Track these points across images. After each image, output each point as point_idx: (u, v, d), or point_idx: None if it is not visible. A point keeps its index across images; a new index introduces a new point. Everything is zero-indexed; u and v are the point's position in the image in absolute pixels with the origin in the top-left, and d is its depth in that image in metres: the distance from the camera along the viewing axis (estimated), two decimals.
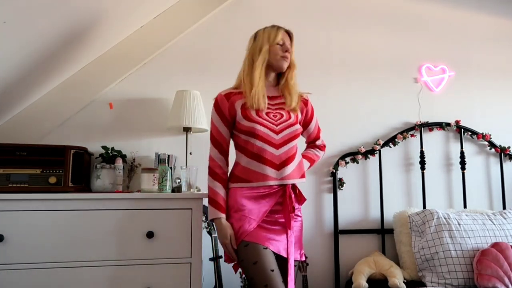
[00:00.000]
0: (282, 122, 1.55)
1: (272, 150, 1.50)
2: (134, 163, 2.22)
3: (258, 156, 1.50)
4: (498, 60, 2.86)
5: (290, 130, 1.55)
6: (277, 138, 1.52)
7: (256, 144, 1.50)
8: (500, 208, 2.65)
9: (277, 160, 1.50)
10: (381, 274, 2.17)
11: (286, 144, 1.53)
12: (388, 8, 2.76)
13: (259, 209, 1.49)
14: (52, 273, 1.65)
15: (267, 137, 1.50)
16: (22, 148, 1.86)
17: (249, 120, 1.51)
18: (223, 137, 1.57)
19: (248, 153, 1.52)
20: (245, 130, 1.51)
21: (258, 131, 1.49)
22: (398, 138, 2.57)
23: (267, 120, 1.53)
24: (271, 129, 1.52)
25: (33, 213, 1.67)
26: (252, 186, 1.51)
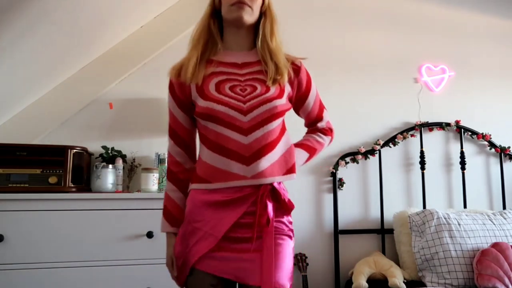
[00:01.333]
0: (254, 98, 1.12)
1: (237, 137, 1.09)
2: (134, 163, 2.22)
3: (218, 147, 1.11)
4: (498, 60, 2.86)
5: (266, 108, 1.11)
6: (245, 119, 1.10)
7: (216, 129, 1.11)
8: (500, 208, 2.65)
9: (246, 151, 1.09)
10: (381, 274, 2.17)
11: (260, 128, 1.11)
12: (388, 8, 2.76)
13: (220, 221, 1.09)
14: (52, 273, 1.65)
15: (229, 119, 1.09)
16: (22, 148, 1.86)
17: (204, 97, 1.12)
18: (179, 124, 1.21)
19: (207, 143, 1.14)
20: (201, 112, 1.12)
21: (216, 111, 1.09)
22: (398, 138, 2.57)
23: (229, 97, 1.12)
24: (236, 108, 1.10)
25: (33, 213, 1.67)
26: (212, 189, 1.11)
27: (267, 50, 1.19)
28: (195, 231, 1.11)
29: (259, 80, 1.17)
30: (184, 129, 1.22)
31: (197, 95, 1.15)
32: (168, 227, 1.18)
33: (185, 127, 1.22)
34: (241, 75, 1.18)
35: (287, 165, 1.16)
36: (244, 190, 1.10)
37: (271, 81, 1.16)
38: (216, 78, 1.17)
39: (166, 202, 1.21)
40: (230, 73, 1.18)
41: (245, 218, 1.09)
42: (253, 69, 1.19)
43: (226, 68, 1.19)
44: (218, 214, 1.10)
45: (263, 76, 1.17)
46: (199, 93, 1.14)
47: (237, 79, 1.17)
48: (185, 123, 1.22)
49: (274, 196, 1.12)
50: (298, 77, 1.24)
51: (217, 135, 1.11)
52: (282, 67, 1.17)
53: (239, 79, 1.17)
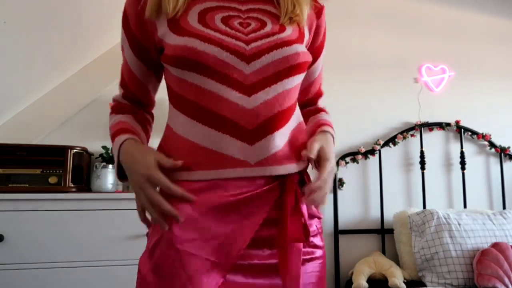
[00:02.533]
0: (262, 37, 0.74)
1: (235, 97, 0.70)
2: None
3: (203, 112, 0.72)
4: (498, 60, 2.86)
5: (282, 53, 0.73)
6: (247, 70, 0.71)
7: (199, 84, 0.71)
8: (500, 208, 2.65)
9: (249, 121, 0.70)
10: (381, 274, 2.17)
11: (271, 85, 0.72)
12: (388, 8, 2.76)
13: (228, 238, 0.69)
14: (52, 273, 1.65)
15: (221, 67, 0.70)
16: (22, 148, 1.86)
17: (180, 31, 0.72)
18: (131, 74, 0.84)
19: (184, 107, 0.75)
20: (173, 54, 0.71)
21: (199, 53, 0.69)
22: (398, 138, 2.57)
23: (222, 32, 0.73)
24: (234, 49, 0.71)
25: (33, 213, 1.67)
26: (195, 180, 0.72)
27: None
28: (185, 259, 0.67)
29: (268, 14, 0.79)
30: (137, 82, 0.84)
31: (167, 31, 0.73)
32: (122, 136, 0.78)
33: (139, 79, 0.84)
34: (241, 2, 0.80)
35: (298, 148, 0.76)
36: (257, 182, 0.71)
37: (286, 18, 0.78)
38: (200, 5, 0.76)
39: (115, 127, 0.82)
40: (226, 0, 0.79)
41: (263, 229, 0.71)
42: (260, 6, 0.81)
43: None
44: (221, 225, 0.69)
45: (273, 9, 0.80)
46: (172, 27, 0.73)
47: (235, 7, 0.78)
48: (140, 74, 0.83)
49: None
50: (318, 20, 0.92)
51: (200, 94, 0.71)
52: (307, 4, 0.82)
53: (239, 8, 0.78)
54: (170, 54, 0.72)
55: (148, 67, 0.84)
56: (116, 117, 0.85)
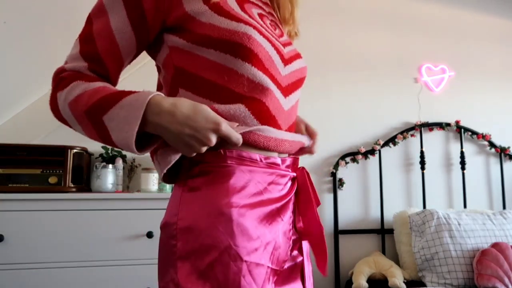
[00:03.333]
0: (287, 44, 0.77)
1: (278, 95, 0.71)
2: (134, 163, 2.22)
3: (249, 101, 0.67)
4: (498, 60, 2.86)
5: (301, 65, 0.78)
6: (284, 72, 0.73)
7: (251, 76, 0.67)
8: (500, 208, 2.65)
9: (285, 121, 0.73)
10: (381, 274, 2.17)
11: (294, 91, 0.76)
12: (388, 8, 2.76)
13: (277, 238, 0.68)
14: (52, 273, 1.65)
15: (270, 63, 0.69)
16: (22, 148, 1.86)
17: (231, 16, 0.67)
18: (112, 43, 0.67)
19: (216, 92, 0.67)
20: (224, 38, 0.65)
21: (256, 43, 0.67)
22: (398, 138, 2.57)
23: (266, 28, 0.72)
24: (278, 49, 0.72)
25: (33, 213, 1.67)
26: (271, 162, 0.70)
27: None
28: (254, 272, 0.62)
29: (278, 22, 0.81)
30: (117, 58, 0.68)
31: (206, 10, 0.66)
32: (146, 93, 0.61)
33: (121, 55, 0.68)
34: (264, 4, 0.80)
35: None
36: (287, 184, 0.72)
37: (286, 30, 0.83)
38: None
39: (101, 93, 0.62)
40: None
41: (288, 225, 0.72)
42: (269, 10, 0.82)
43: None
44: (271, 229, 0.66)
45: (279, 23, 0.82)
46: (213, 7, 0.67)
47: (262, 6, 0.78)
48: (125, 49, 0.68)
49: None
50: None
51: (248, 85, 0.67)
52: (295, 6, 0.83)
53: (264, 8, 0.78)
54: (218, 37, 0.65)
55: (137, 42, 0.68)
56: (85, 85, 0.64)
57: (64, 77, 0.67)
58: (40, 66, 1.95)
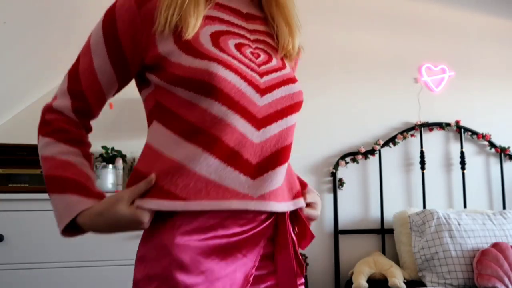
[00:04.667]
0: (272, 71, 0.74)
1: (246, 128, 0.69)
2: (134, 163, 2.22)
3: (211, 140, 0.67)
4: (498, 60, 2.86)
5: (289, 91, 0.74)
6: (260, 102, 0.70)
7: (211, 110, 0.67)
8: (500, 208, 2.65)
9: (255, 155, 0.69)
10: (381, 274, 2.17)
11: (278, 120, 0.72)
12: (388, 8, 2.76)
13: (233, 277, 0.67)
14: (52, 273, 1.65)
15: (239, 97, 0.68)
16: (22, 148, 1.86)
17: (196, 53, 0.68)
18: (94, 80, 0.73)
19: (186, 130, 0.68)
20: (189, 77, 0.67)
21: (221, 80, 0.66)
22: (398, 138, 2.57)
23: (238, 60, 0.71)
24: (250, 81, 0.70)
25: (33, 213, 1.67)
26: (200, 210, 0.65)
27: (281, 8, 0.80)
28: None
29: (270, 47, 0.78)
30: (99, 93, 0.74)
31: (175, 50, 0.68)
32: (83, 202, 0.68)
33: (103, 90, 0.74)
34: (249, 31, 0.77)
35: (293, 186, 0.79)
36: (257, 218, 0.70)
37: (282, 53, 0.79)
38: (210, 27, 0.72)
39: (60, 171, 0.70)
40: (233, 24, 0.76)
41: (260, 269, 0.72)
42: (260, 28, 0.80)
43: (225, 13, 0.76)
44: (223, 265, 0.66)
45: (273, 42, 0.79)
46: (182, 46, 0.68)
47: (244, 35, 0.76)
48: (106, 85, 0.74)
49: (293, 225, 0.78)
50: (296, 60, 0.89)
51: (210, 120, 0.67)
52: (295, 31, 0.81)
53: (247, 36, 0.76)
54: (183, 76, 0.67)
55: (118, 79, 0.75)
56: (59, 148, 0.73)
57: (48, 121, 0.77)
58: (40, 66, 1.95)
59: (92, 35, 0.74)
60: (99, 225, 0.67)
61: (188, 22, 0.68)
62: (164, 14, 0.68)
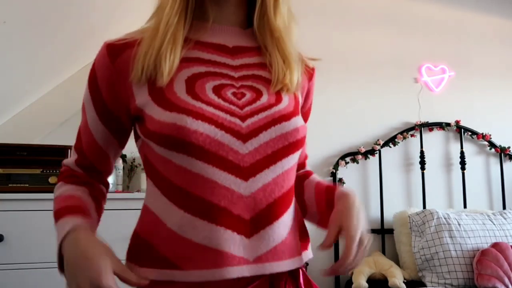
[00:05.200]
0: (259, 111, 0.66)
1: (231, 182, 0.63)
2: (134, 163, 2.22)
3: (194, 201, 0.63)
4: (498, 60, 2.86)
5: (280, 130, 0.66)
6: (244, 150, 0.64)
7: (189, 167, 0.62)
8: (500, 208, 2.65)
9: (246, 210, 0.63)
10: (381, 274, 2.17)
11: (270, 166, 0.65)
12: (388, 8, 2.76)
13: None
14: (52, 273, 1.65)
15: (217, 149, 0.62)
16: (22, 148, 1.86)
17: (168, 105, 0.63)
18: (89, 136, 0.73)
19: (170, 192, 0.65)
20: (160, 132, 0.63)
21: (192, 133, 0.61)
22: (398, 138, 2.57)
23: (216, 106, 0.64)
24: (229, 128, 0.63)
25: (33, 213, 1.67)
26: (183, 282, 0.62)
27: (269, 30, 0.71)
28: None
29: (263, 80, 0.70)
30: (96, 148, 0.74)
31: (149, 101, 0.65)
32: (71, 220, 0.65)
33: (100, 146, 0.73)
34: (234, 68, 0.70)
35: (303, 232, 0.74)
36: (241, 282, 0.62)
37: (278, 86, 0.70)
38: (188, 70, 0.67)
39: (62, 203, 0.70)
40: (215, 62, 0.69)
41: None
42: (251, 60, 0.72)
43: (207, 52, 0.70)
44: None
45: (267, 73, 0.71)
46: (155, 97, 0.65)
47: (227, 74, 0.69)
48: (102, 140, 0.73)
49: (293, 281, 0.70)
50: (309, 83, 0.82)
51: (190, 178, 0.62)
52: (292, 61, 0.72)
53: (231, 75, 0.69)
54: (154, 131, 0.63)
55: (113, 133, 0.73)
56: (65, 188, 0.73)
57: (62, 171, 0.79)
58: (40, 66, 1.95)
59: (84, 93, 0.74)
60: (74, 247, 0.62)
61: (162, 68, 0.64)
62: (141, 62, 0.65)
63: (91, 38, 2.07)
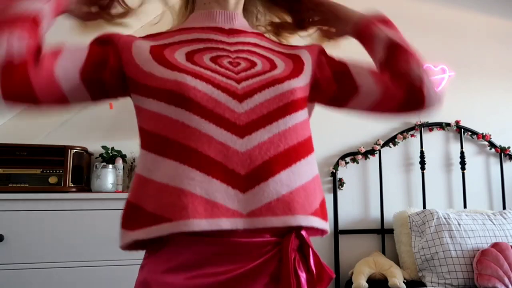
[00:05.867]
0: (253, 76, 0.70)
1: (226, 138, 0.64)
2: (134, 163, 2.22)
3: (188, 152, 0.62)
4: (498, 60, 2.86)
5: (275, 91, 0.68)
6: (240, 109, 0.66)
7: (186, 122, 0.64)
8: (500, 208, 2.65)
9: (241, 165, 0.63)
10: (381, 274, 2.17)
11: (266, 125, 0.66)
12: (388, 8, 2.74)
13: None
14: (52, 273, 1.65)
15: (213, 106, 0.65)
16: (22, 148, 1.86)
17: (168, 65, 0.68)
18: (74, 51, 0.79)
19: (166, 148, 0.64)
20: (161, 88, 0.66)
21: (190, 89, 0.64)
22: (398, 138, 2.57)
23: (212, 70, 0.68)
24: (225, 88, 0.67)
25: (33, 213, 1.67)
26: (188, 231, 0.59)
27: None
28: None
29: (257, 55, 0.75)
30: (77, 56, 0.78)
31: (150, 59, 0.69)
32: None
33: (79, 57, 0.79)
34: (230, 44, 0.75)
35: (316, 194, 0.74)
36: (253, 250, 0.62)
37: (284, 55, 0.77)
38: (188, 47, 0.73)
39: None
40: (211, 39, 0.75)
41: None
42: (246, 39, 0.78)
43: (203, 33, 0.76)
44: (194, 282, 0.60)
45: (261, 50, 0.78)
46: (157, 58, 0.69)
47: (223, 48, 0.74)
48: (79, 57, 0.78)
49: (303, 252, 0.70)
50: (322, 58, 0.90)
51: (186, 133, 0.63)
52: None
53: (227, 49, 0.74)
54: (154, 86, 0.67)
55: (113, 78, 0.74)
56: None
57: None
58: None
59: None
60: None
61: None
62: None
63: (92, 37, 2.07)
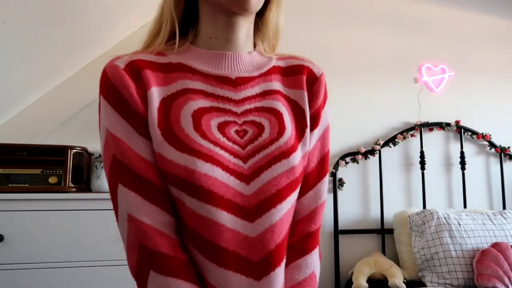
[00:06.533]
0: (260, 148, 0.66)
1: (238, 225, 0.62)
2: None
3: (204, 243, 0.62)
4: (498, 60, 2.86)
5: (281, 168, 0.65)
6: (247, 191, 0.63)
7: (196, 209, 0.62)
8: (500, 208, 2.65)
9: (253, 252, 0.62)
10: (381, 274, 2.17)
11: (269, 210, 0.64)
12: (388, 8, 2.76)
13: None
14: (52, 273, 1.65)
15: (224, 192, 0.62)
16: (22, 148, 1.86)
17: (180, 145, 0.62)
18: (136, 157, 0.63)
19: (186, 232, 0.64)
20: (173, 173, 0.62)
21: (202, 177, 0.61)
22: (398, 138, 2.57)
23: (221, 146, 0.64)
24: (234, 170, 0.63)
25: (33, 213, 1.67)
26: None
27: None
28: None
29: (265, 111, 0.70)
30: (145, 164, 0.63)
31: (162, 140, 0.63)
32: None
33: (146, 158, 0.64)
34: (237, 103, 0.69)
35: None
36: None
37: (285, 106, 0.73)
38: (192, 103, 0.66)
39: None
40: (218, 96, 0.68)
41: None
42: (253, 91, 0.71)
43: (209, 85, 0.69)
44: None
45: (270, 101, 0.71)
46: (167, 135, 0.63)
47: (230, 109, 0.68)
48: (144, 151, 0.64)
49: None
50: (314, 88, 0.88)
51: (201, 221, 0.62)
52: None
53: (234, 111, 0.68)
54: (166, 170, 0.62)
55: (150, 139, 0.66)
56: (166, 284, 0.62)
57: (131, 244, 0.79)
58: (40, 66, 1.95)
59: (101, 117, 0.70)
60: None
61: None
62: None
63: (92, 38, 2.07)
